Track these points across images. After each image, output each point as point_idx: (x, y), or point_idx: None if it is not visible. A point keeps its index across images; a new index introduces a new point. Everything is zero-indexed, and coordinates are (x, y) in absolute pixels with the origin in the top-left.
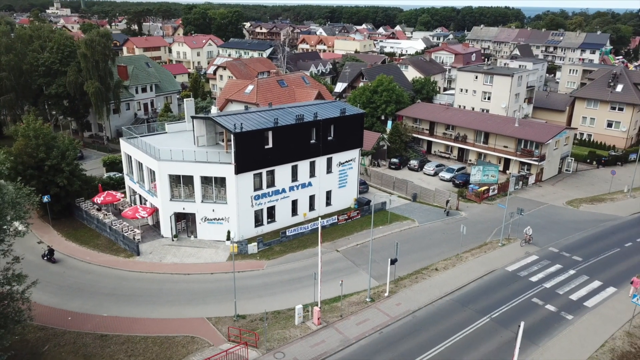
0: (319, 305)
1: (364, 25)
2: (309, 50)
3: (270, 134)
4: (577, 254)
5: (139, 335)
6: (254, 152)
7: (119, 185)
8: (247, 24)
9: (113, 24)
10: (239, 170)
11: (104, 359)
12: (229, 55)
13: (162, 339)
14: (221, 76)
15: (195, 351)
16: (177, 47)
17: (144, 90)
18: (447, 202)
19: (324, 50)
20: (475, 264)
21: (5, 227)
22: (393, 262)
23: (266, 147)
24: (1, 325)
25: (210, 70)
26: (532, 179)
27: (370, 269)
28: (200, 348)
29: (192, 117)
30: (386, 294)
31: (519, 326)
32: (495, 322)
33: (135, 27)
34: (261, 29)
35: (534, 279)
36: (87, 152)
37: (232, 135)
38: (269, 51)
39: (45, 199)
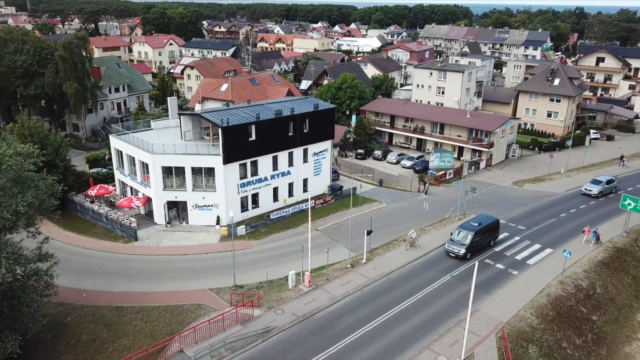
0: (309, 270)
1: (320, 24)
2: (268, 49)
3: (253, 127)
4: (521, 224)
5: (151, 305)
6: (240, 144)
7: (105, 180)
8: (205, 23)
9: (66, 23)
10: (226, 160)
11: (123, 326)
12: (192, 54)
13: (172, 307)
14: (189, 75)
15: (204, 315)
16: (139, 47)
17: (116, 90)
18: (425, 183)
19: (284, 49)
20: (437, 235)
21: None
22: (369, 233)
23: (250, 139)
24: (39, 295)
25: (178, 70)
26: (483, 164)
27: (350, 241)
28: (207, 312)
29: (180, 114)
30: (364, 261)
31: (474, 265)
32: (455, 279)
33: (92, 26)
34: (220, 27)
35: None
36: None
37: (219, 130)
38: (232, 50)
39: None
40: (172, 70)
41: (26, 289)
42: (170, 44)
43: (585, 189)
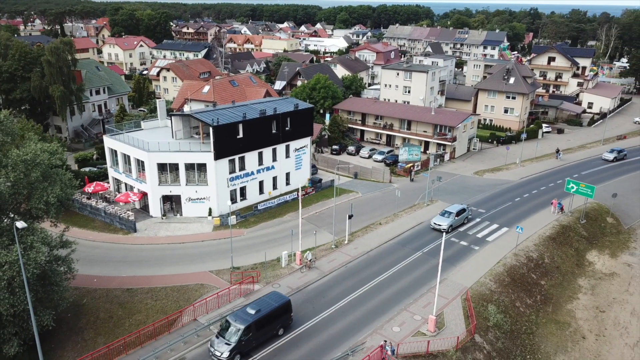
0: (300, 251)
1: (286, 24)
2: (237, 50)
3: (240, 126)
4: (481, 208)
5: (159, 286)
6: (229, 141)
7: (97, 178)
8: (172, 24)
9: (29, 24)
10: (217, 156)
11: (135, 304)
12: (164, 56)
13: (178, 287)
14: (165, 77)
15: (207, 293)
16: (109, 49)
17: (97, 92)
18: (411, 172)
19: (252, 50)
20: (408, 219)
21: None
22: (350, 217)
23: (238, 137)
24: (62, 278)
25: (154, 72)
26: (447, 157)
27: (334, 226)
28: (210, 291)
29: (171, 115)
30: (346, 242)
31: (443, 233)
32: (426, 255)
33: (58, 27)
34: (188, 29)
35: None
36: None
37: (210, 128)
38: (204, 52)
39: None
40: (144, 72)
41: (54, 270)
42: (141, 45)
43: (435, 223)
